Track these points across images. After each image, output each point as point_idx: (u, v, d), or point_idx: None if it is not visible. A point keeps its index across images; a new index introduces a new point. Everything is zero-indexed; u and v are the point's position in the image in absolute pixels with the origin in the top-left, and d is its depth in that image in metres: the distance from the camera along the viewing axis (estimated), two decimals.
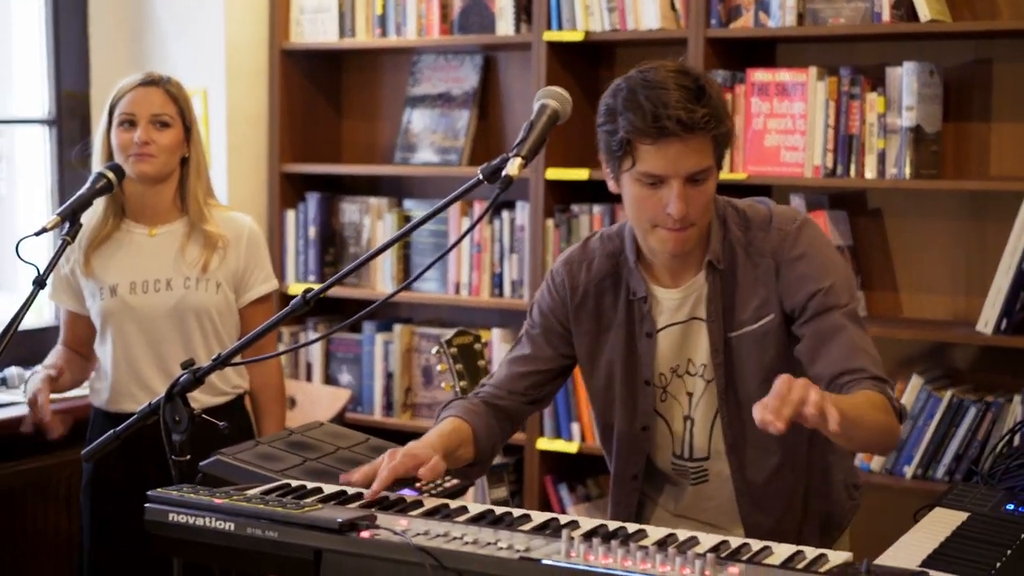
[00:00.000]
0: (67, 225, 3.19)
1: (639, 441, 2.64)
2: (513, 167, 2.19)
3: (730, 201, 2.60)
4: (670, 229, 2.43)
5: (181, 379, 2.27)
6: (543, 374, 2.66)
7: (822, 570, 1.84)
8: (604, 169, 2.53)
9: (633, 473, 2.67)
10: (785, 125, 4.12)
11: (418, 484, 2.34)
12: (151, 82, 3.36)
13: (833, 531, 2.73)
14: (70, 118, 4.81)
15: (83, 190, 3.25)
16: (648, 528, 2.07)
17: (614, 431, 2.66)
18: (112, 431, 2.41)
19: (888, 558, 2.16)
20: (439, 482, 2.39)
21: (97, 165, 3.35)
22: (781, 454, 2.58)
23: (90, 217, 3.35)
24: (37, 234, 3.12)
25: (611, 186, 2.53)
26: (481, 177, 2.22)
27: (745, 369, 2.54)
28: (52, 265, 3.14)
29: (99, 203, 3.35)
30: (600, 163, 2.56)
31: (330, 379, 5.04)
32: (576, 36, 4.40)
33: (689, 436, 2.62)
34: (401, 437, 3.28)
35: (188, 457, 2.31)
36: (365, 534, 1.94)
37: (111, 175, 3.28)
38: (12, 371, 4.31)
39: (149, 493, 2.09)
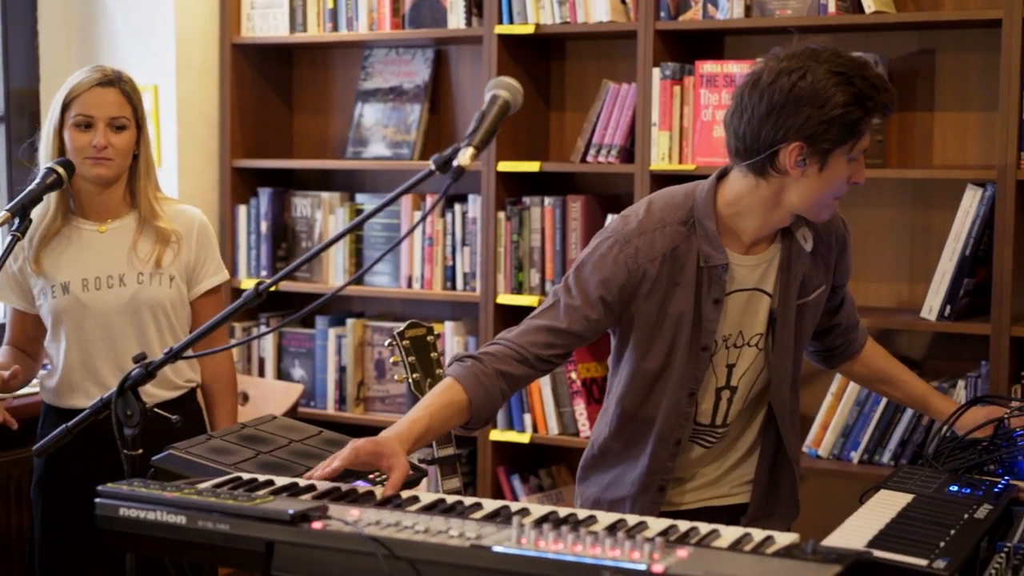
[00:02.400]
0: (16, 221, 3.18)
1: (683, 406, 2.77)
2: (465, 157, 2.20)
3: None
4: (840, 197, 2.67)
5: (133, 373, 2.27)
6: (572, 346, 2.70)
7: (769, 551, 1.86)
8: (793, 157, 2.58)
9: (677, 438, 2.80)
10: None
11: (371, 475, 2.36)
12: (108, 82, 3.32)
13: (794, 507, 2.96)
14: (19, 115, 4.78)
15: (33, 185, 3.23)
16: (598, 514, 2.09)
17: (661, 400, 2.76)
18: (64, 426, 2.41)
19: (834, 539, 2.20)
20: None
21: (45, 161, 3.33)
22: (793, 397, 2.90)
23: (39, 214, 3.34)
24: None
25: (794, 173, 2.60)
26: (433, 167, 2.23)
27: (799, 333, 2.82)
28: (2, 261, 3.14)
29: (48, 199, 3.33)
30: (548, 155, 2.58)
31: (283, 374, 5.04)
32: (527, 29, 4.42)
33: (726, 405, 2.81)
34: (354, 431, 3.30)
35: (140, 451, 2.31)
36: (317, 525, 1.95)
37: (61, 170, 3.26)
38: None
39: (99, 488, 2.09)
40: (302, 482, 2.24)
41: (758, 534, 1.95)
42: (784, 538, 1.93)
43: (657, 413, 2.78)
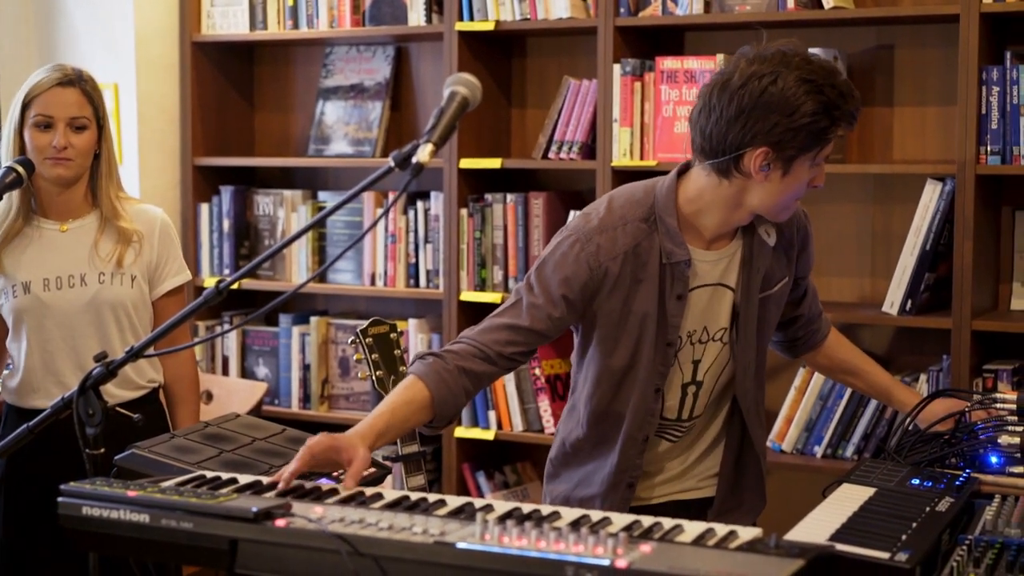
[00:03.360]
0: None
1: (650, 403, 2.77)
2: (424, 153, 2.20)
3: None
4: (800, 198, 2.69)
5: (94, 372, 2.26)
6: (534, 344, 2.70)
7: (732, 546, 1.87)
8: (758, 162, 2.59)
9: (645, 435, 2.80)
10: None
11: (335, 473, 2.35)
12: (68, 81, 3.30)
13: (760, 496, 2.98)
14: None
15: None
16: (562, 510, 2.10)
17: (628, 397, 2.77)
18: (25, 426, 2.39)
19: (797, 533, 2.21)
20: None
21: (5, 160, 3.31)
22: (757, 389, 2.91)
23: None
24: None
25: (758, 177, 2.61)
26: (392, 164, 2.23)
27: (763, 326, 2.84)
28: None
29: (9, 199, 3.31)
30: (510, 152, 2.58)
31: (247, 372, 5.02)
32: (487, 26, 4.42)
33: (692, 400, 2.82)
34: (318, 429, 3.29)
35: (102, 450, 2.29)
36: (280, 523, 1.95)
37: (21, 169, 3.24)
38: None
39: (62, 487, 2.08)
40: (266, 480, 2.23)
41: (721, 529, 1.95)
42: (747, 532, 1.93)
43: (626, 410, 2.78)
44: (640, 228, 2.70)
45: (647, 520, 2.02)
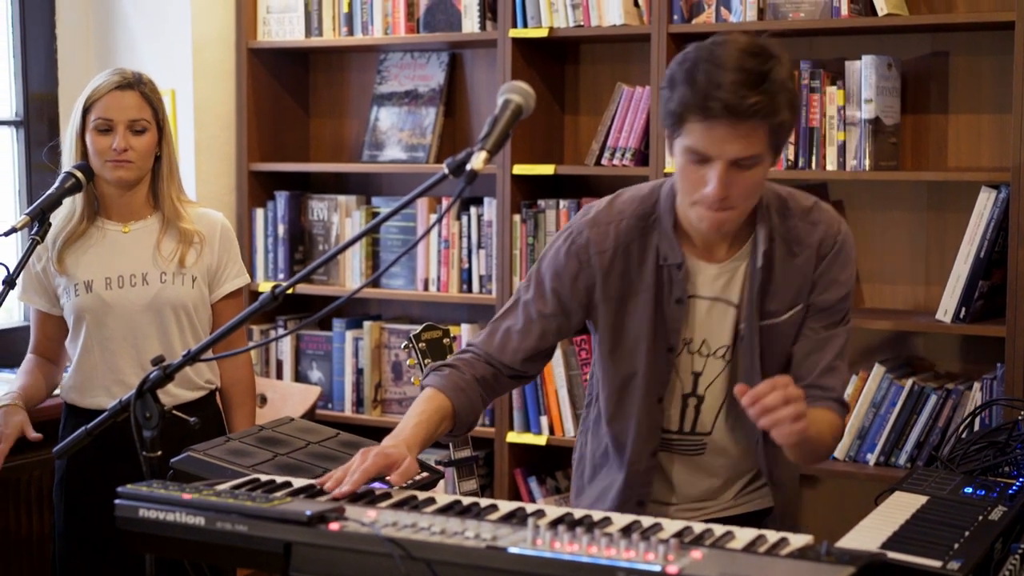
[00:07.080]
0: (36, 225, 3.22)
1: (654, 413, 2.66)
2: (478, 161, 2.20)
3: (772, 187, 2.62)
4: (707, 208, 2.45)
5: (151, 375, 2.29)
6: (532, 350, 2.64)
7: (783, 553, 1.87)
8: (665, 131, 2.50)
9: (652, 449, 2.68)
10: None
11: (388, 477, 2.37)
12: (127, 85, 3.35)
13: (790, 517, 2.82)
14: (38, 119, 4.81)
15: (52, 190, 3.27)
16: (613, 515, 2.10)
17: (632, 406, 2.66)
18: (83, 428, 2.42)
19: (848, 541, 2.21)
20: None
21: (67, 165, 3.36)
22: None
23: (64, 215, 3.37)
24: (6, 234, 3.14)
25: (669, 151, 2.51)
26: (447, 171, 2.24)
27: (767, 355, 2.61)
28: (22, 265, 3.17)
29: (73, 201, 3.37)
30: (563, 158, 2.57)
31: (300, 376, 5.06)
32: (541, 33, 4.44)
33: (694, 413, 2.66)
34: (371, 433, 3.32)
35: (159, 453, 2.32)
36: (334, 526, 1.96)
37: (79, 175, 3.29)
38: None
39: (119, 489, 2.10)
40: (319, 484, 2.26)
41: (772, 536, 1.96)
42: (798, 539, 1.93)
43: (632, 422, 2.67)
44: (635, 226, 2.60)
45: (698, 527, 2.03)
